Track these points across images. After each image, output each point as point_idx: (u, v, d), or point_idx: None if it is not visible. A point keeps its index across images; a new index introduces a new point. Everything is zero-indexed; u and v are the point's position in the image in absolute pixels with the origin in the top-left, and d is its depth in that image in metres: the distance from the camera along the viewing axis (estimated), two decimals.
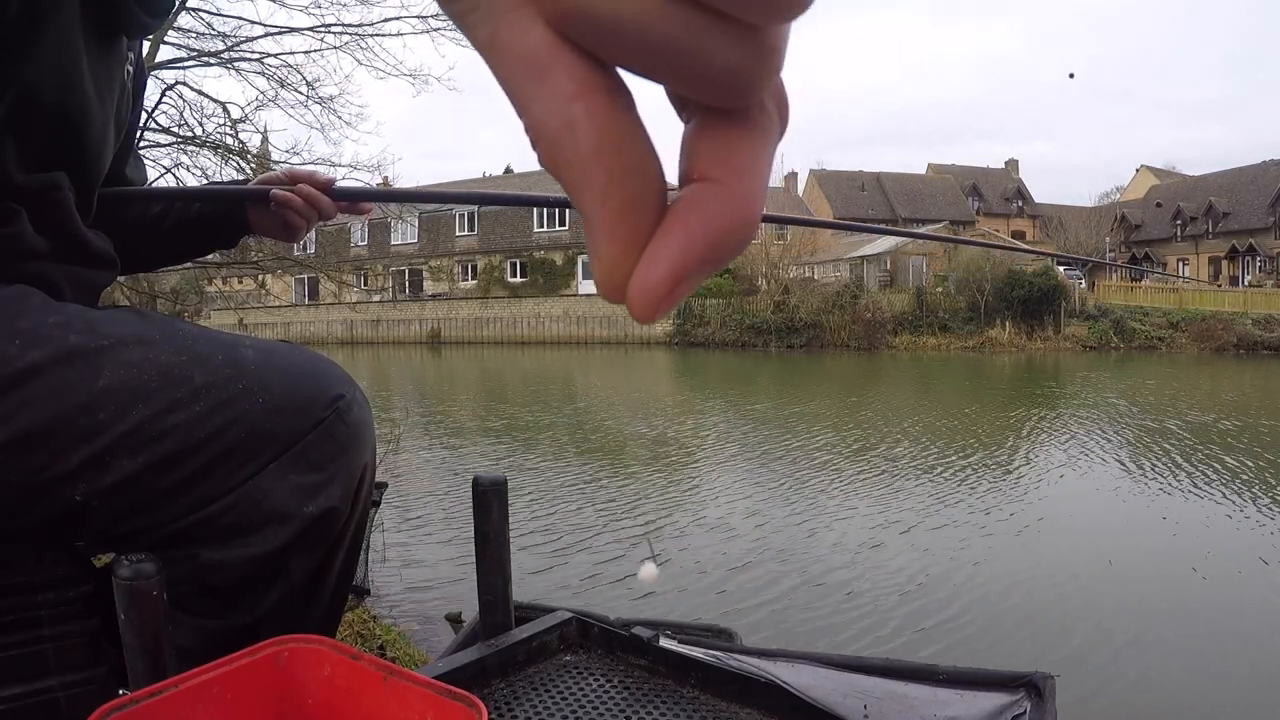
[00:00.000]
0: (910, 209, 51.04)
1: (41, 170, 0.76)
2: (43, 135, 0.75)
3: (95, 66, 0.79)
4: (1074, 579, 5.60)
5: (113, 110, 0.85)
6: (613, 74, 0.18)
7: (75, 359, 0.69)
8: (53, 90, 0.74)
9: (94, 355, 0.70)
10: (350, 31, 6.80)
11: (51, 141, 0.76)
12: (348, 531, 0.82)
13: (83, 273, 0.83)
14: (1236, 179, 43.38)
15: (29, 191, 0.75)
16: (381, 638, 3.75)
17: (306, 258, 11.73)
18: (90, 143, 0.80)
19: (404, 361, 31.57)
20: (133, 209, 1.02)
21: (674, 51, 0.17)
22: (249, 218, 1.04)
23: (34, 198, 0.75)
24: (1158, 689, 4.04)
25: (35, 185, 0.75)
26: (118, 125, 0.88)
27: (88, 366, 0.69)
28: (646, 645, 1.00)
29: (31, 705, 0.71)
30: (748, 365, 26.64)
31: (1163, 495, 7.91)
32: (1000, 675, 0.97)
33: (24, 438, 0.66)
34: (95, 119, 0.80)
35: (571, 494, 8.12)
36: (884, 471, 9.01)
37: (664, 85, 0.19)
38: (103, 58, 0.81)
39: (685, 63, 0.17)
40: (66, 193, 0.79)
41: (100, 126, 0.82)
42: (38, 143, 0.75)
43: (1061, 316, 30.64)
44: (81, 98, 0.77)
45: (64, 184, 0.78)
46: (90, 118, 0.79)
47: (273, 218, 1.02)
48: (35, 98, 0.73)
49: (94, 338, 0.70)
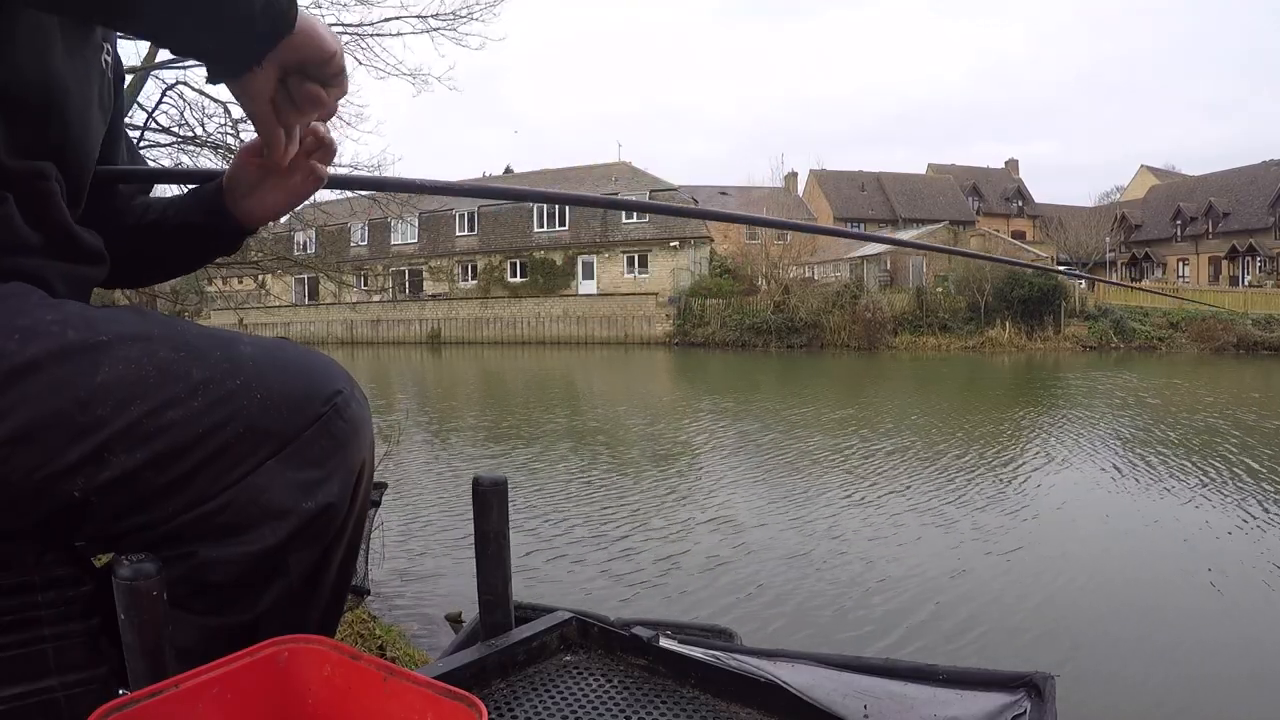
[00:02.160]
0: (910, 209, 51.03)
1: (28, 157, 0.76)
2: (25, 122, 0.75)
3: (72, 51, 0.79)
4: (1074, 579, 5.60)
5: (94, 98, 0.84)
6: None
7: (73, 354, 0.69)
8: (31, 76, 0.74)
9: (92, 351, 0.69)
10: (350, 31, 6.80)
11: (35, 129, 0.76)
12: (346, 528, 0.82)
13: (75, 269, 0.83)
14: (1236, 179, 43.37)
15: (15, 177, 0.75)
16: (381, 638, 3.75)
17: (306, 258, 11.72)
18: (74, 131, 0.80)
19: (404, 361, 31.58)
20: (131, 214, 1.02)
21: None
22: (243, 195, 0.93)
23: (21, 183, 0.75)
24: (1158, 689, 4.04)
25: (21, 171, 0.75)
26: (102, 113, 0.87)
27: (86, 362, 0.69)
28: (646, 645, 1.00)
29: (31, 705, 0.71)
30: (748, 365, 26.64)
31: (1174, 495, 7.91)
32: (1000, 675, 0.97)
33: (22, 434, 0.66)
34: (77, 106, 0.80)
35: (572, 494, 8.12)
36: (884, 471, 9.02)
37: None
38: (78, 44, 0.80)
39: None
40: (54, 183, 0.79)
41: (82, 114, 0.81)
42: (20, 129, 0.74)
43: (1061, 316, 30.66)
44: (61, 83, 0.77)
45: (51, 174, 0.78)
46: (71, 104, 0.79)
47: (271, 190, 0.93)
48: (14, 84, 0.73)
49: (92, 334, 0.70)
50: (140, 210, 1.02)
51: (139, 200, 1.04)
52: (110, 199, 0.99)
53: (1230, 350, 28.11)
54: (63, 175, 0.80)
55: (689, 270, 37.43)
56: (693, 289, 36.37)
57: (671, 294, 36.61)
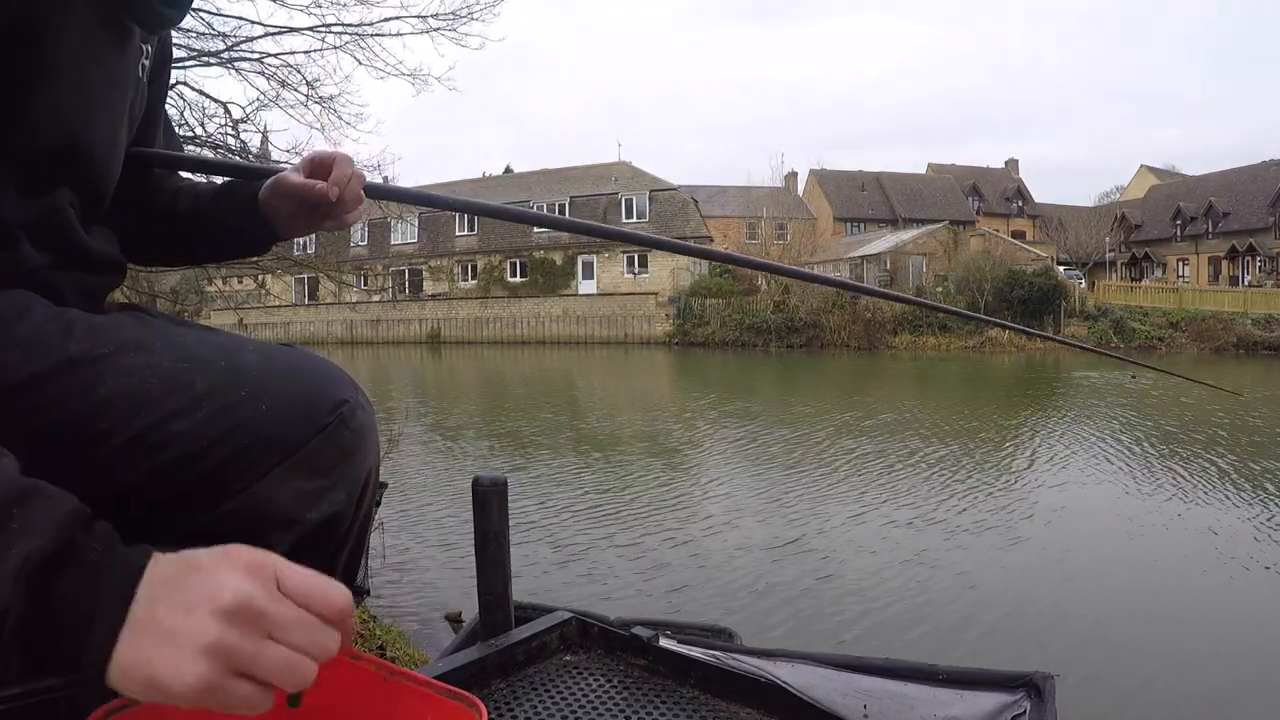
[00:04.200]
0: (910, 209, 51.00)
1: (44, 194, 0.75)
2: (43, 162, 0.74)
3: (108, 76, 0.78)
4: (1074, 579, 5.60)
5: (125, 115, 0.83)
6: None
7: (76, 368, 0.68)
8: (57, 120, 0.73)
9: (95, 364, 0.69)
10: (350, 31, 6.79)
11: (53, 166, 0.75)
12: (351, 535, 0.82)
13: (86, 278, 0.83)
14: (1236, 179, 43.35)
15: (29, 215, 0.74)
16: (381, 638, 3.75)
17: (306, 258, 11.71)
18: (97, 158, 0.79)
19: (404, 361, 31.57)
20: (163, 197, 1.02)
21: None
22: (277, 218, 0.99)
23: (34, 224, 0.75)
24: (1158, 689, 4.04)
25: (36, 208, 0.74)
26: (129, 124, 0.86)
27: (89, 375, 0.68)
28: (646, 645, 1.00)
29: (31, 705, 0.71)
30: (748, 365, 26.64)
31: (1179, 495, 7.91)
32: (1000, 675, 0.97)
33: (25, 450, 0.66)
34: (103, 134, 0.79)
35: (572, 494, 8.12)
36: (887, 471, 9.01)
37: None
38: (116, 62, 0.79)
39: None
40: (69, 210, 0.78)
41: (108, 138, 0.80)
42: (37, 169, 0.73)
43: (1061, 316, 30.65)
44: (89, 118, 0.76)
45: (65, 204, 0.77)
46: (96, 136, 0.78)
47: (303, 219, 0.98)
48: (41, 131, 0.72)
49: (95, 345, 0.70)
50: (171, 195, 1.02)
51: (170, 183, 1.04)
52: (143, 182, 0.98)
53: (1230, 350, 28.11)
54: (79, 197, 0.79)
55: (689, 270, 37.42)
56: (692, 289, 36.36)
57: (671, 294, 36.61)
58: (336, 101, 7.06)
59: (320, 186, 0.92)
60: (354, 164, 0.96)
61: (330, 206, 0.95)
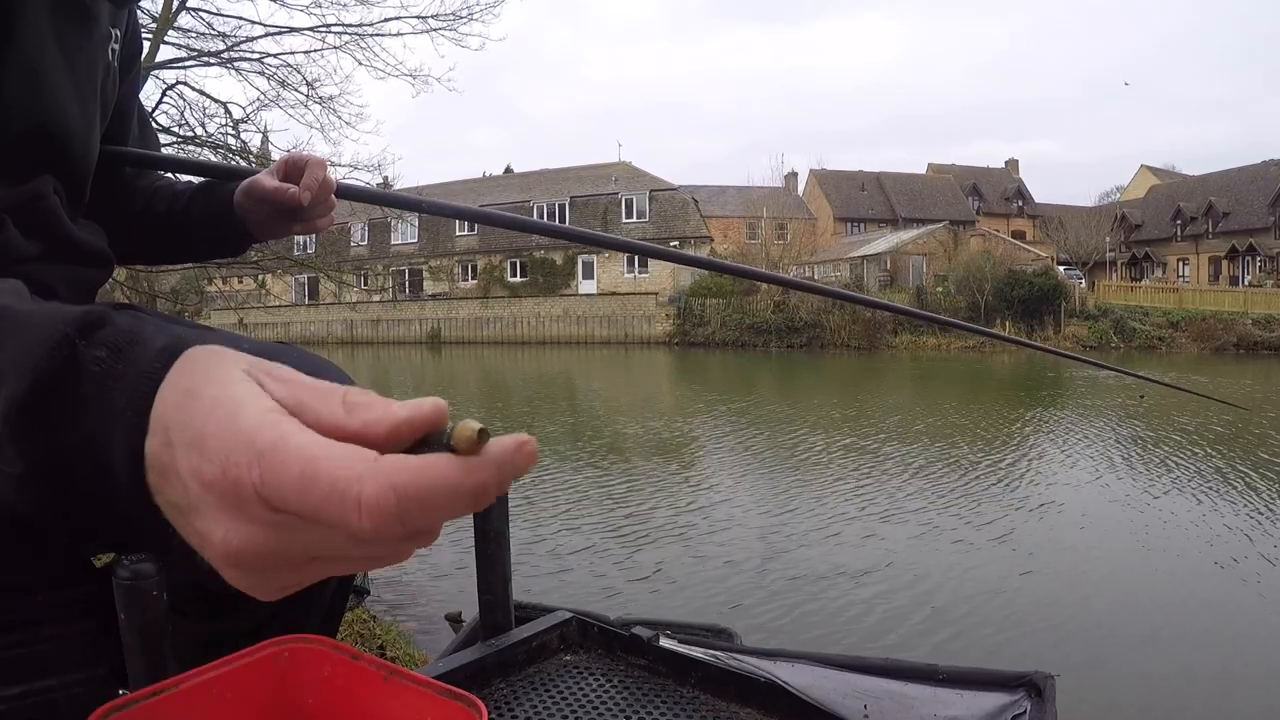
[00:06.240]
0: (910, 209, 51.01)
1: (23, 180, 0.75)
2: (18, 147, 0.73)
3: (73, 57, 0.77)
4: (1075, 579, 5.60)
5: (97, 99, 0.83)
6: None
7: None
8: (25, 100, 0.72)
9: None
10: (350, 31, 6.81)
11: (29, 150, 0.74)
12: None
13: (76, 272, 0.82)
14: (1236, 179, 43.37)
15: (13, 202, 0.74)
16: (381, 638, 3.75)
17: (306, 258, 11.72)
18: (74, 141, 0.79)
19: (404, 361, 31.58)
20: (139, 198, 1.01)
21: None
22: (251, 221, 1.01)
23: (19, 209, 0.74)
24: (1158, 689, 4.04)
25: (19, 195, 0.74)
26: (103, 108, 0.86)
27: None
28: (646, 645, 1.00)
29: (31, 705, 0.71)
30: (748, 365, 26.64)
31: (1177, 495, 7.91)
32: (1000, 675, 0.97)
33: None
34: (75, 116, 0.78)
35: (572, 493, 8.12)
36: (888, 471, 9.01)
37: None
38: (81, 45, 0.78)
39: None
40: (52, 197, 0.78)
41: (82, 121, 0.80)
42: (14, 155, 0.73)
43: (1061, 316, 30.65)
44: (60, 110, 0.75)
45: (48, 190, 0.77)
46: (69, 117, 0.77)
47: (280, 221, 1.00)
48: (11, 110, 0.71)
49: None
50: (147, 194, 1.02)
51: (146, 181, 1.04)
52: (118, 180, 0.98)
53: (1230, 350, 28.12)
54: (62, 185, 0.79)
55: (689, 269, 37.43)
56: (693, 289, 36.36)
57: (671, 294, 36.61)
58: (336, 102, 7.07)
59: (291, 191, 0.92)
60: (327, 167, 0.97)
61: (299, 210, 0.95)
